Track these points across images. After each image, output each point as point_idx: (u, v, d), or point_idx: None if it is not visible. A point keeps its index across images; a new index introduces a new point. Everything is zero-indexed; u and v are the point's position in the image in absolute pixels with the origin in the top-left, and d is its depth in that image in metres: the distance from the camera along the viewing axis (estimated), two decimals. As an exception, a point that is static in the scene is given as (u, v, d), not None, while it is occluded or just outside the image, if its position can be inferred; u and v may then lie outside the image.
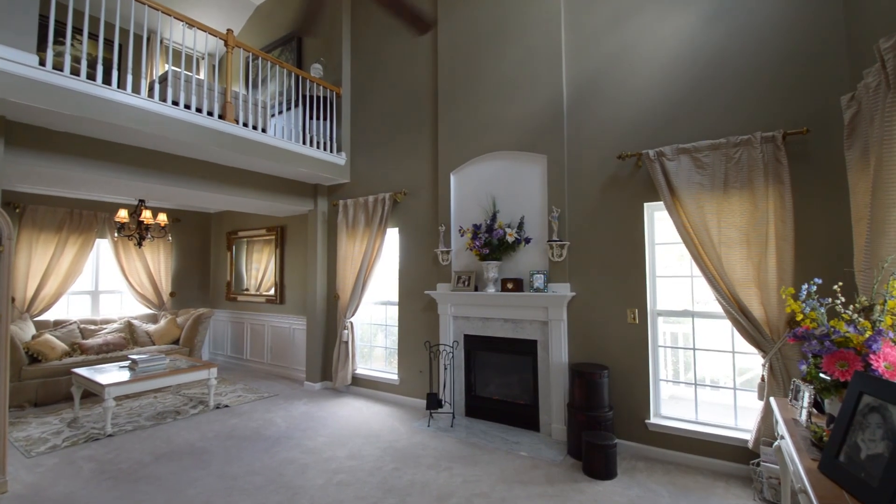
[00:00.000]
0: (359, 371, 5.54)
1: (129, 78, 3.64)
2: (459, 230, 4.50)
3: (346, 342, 5.47)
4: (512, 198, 4.33)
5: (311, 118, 5.40)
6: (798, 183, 3.06)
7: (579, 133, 4.02)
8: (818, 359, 1.99)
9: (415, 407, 4.93)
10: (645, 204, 3.69)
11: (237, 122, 4.48)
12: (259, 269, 7.00)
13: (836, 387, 1.91)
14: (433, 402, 4.37)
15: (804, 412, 2.11)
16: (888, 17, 2.56)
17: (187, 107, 4.09)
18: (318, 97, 5.46)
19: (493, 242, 4.21)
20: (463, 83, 4.70)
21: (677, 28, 3.60)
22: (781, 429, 2.29)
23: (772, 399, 2.57)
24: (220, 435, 4.12)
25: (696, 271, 3.58)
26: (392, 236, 5.39)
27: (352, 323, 5.50)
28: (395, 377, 5.18)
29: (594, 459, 3.27)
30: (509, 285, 4.18)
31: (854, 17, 2.89)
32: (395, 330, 5.35)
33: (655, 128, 3.66)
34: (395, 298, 5.30)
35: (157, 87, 3.94)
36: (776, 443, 2.55)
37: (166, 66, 6.58)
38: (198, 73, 6.87)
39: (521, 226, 4.19)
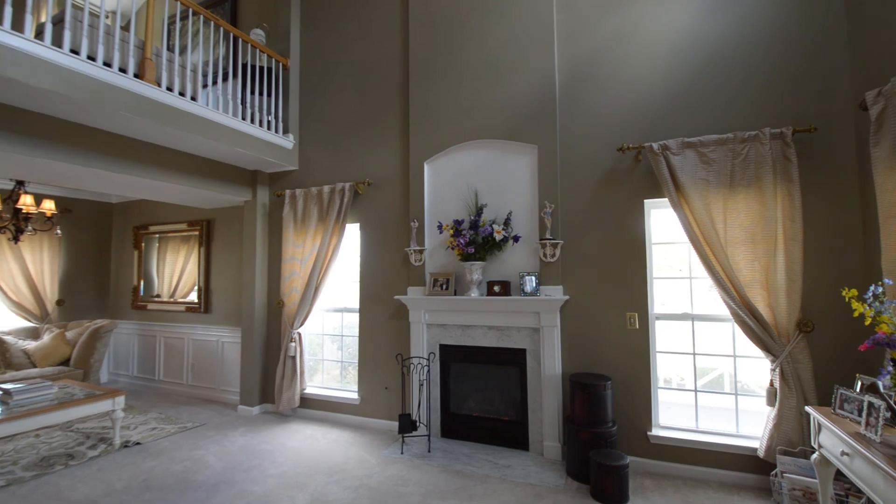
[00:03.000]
0: (309, 390, 4.75)
1: (8, 11, 2.66)
2: (438, 226, 3.97)
3: (294, 357, 4.66)
4: (497, 191, 3.91)
5: (251, 93, 4.53)
6: (806, 182, 2.99)
7: (573, 123, 3.71)
8: (907, 368, 1.78)
9: (380, 430, 4.29)
10: (645, 201, 3.46)
11: (159, 84, 3.54)
12: (176, 271, 5.85)
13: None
14: (406, 425, 3.78)
15: (880, 427, 1.90)
16: (889, 11, 2.54)
17: (91, 58, 3.11)
18: (261, 68, 4.62)
19: (478, 240, 3.75)
20: (439, 61, 4.19)
21: (677, 16, 3.43)
22: (838, 442, 2.09)
23: (810, 408, 2.40)
24: (134, 486, 3.17)
25: (695, 273, 3.43)
26: (352, 233, 4.70)
27: (300, 334, 4.70)
28: (355, 396, 4.49)
29: (606, 483, 2.93)
30: (496, 288, 3.74)
31: (854, 8, 2.88)
32: (355, 341, 4.66)
33: (655, 120, 3.45)
34: (356, 304, 4.62)
35: (49, 28, 2.92)
36: (814, 455, 2.39)
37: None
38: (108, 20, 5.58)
39: (507, 222, 3.78)
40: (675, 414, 3.49)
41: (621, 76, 3.58)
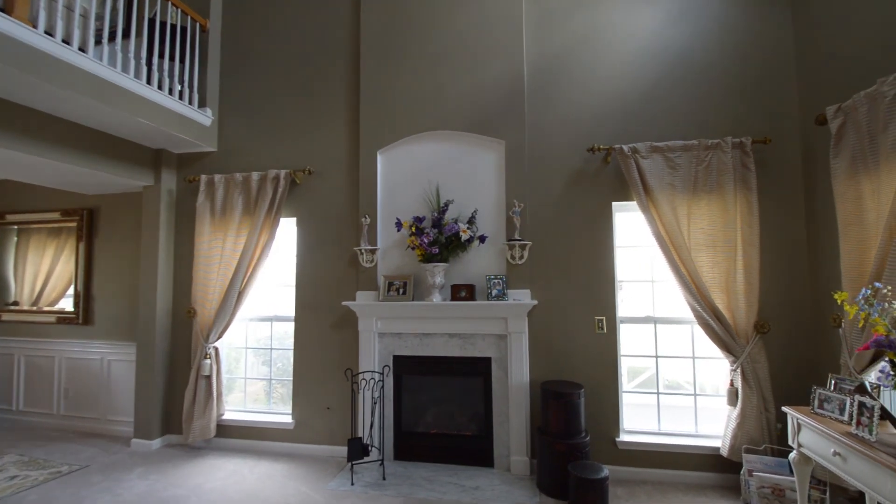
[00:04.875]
0: (228, 416, 3.98)
1: None
2: (396, 223, 3.54)
3: (209, 376, 3.87)
4: (460, 187, 3.60)
5: (160, 56, 3.66)
6: (762, 190, 3.14)
7: (541, 119, 3.55)
8: (908, 369, 1.84)
9: (321, 458, 3.71)
10: (613, 203, 3.42)
11: (34, 26, 2.65)
12: (41, 271, 4.60)
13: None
14: (357, 451, 3.29)
15: (874, 427, 1.95)
16: (830, 41, 2.77)
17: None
18: (172, 27, 3.78)
19: (441, 240, 3.41)
20: (397, 39, 3.78)
21: (644, 22, 3.46)
22: (827, 443, 2.10)
23: (788, 408, 2.46)
24: (-19, 571, 2.28)
25: (657, 276, 3.47)
26: (287, 229, 4.05)
27: (217, 349, 3.93)
28: (288, 419, 3.85)
29: (587, 498, 2.77)
30: (462, 293, 3.43)
31: (801, 23, 3.12)
32: (288, 355, 4.02)
33: (622, 122, 3.43)
34: (290, 312, 3.98)
35: None
36: (792, 454, 2.45)
37: None
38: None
39: (472, 221, 3.50)
40: (635, 416, 3.47)
41: (590, 76, 3.51)
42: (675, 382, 3.79)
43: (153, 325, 3.96)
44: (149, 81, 3.45)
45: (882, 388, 1.96)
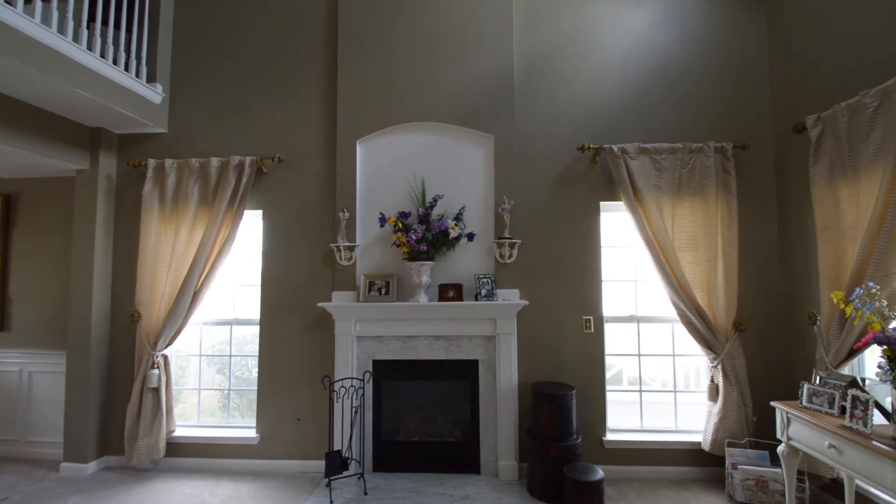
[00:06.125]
0: (180, 432, 3.53)
1: None
2: (380, 218, 3.30)
3: (157, 388, 3.41)
4: (447, 182, 3.44)
5: (102, 23, 3.13)
6: (740, 193, 3.27)
7: (531, 116, 3.48)
8: (905, 364, 1.94)
9: (291, 474, 3.39)
10: (601, 203, 3.42)
11: (-60, -39, 2.14)
12: (-65, 269, 3.83)
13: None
14: (335, 465, 3.02)
15: (870, 420, 2.05)
16: (804, 58, 2.94)
17: None
18: (115, -15, 3.28)
19: (429, 237, 3.23)
20: (378, 21, 3.53)
21: (631, 24, 3.49)
22: (820, 436, 2.18)
23: (776, 403, 2.55)
24: None
25: (640, 276, 3.51)
26: (252, 222, 3.66)
27: (166, 357, 3.47)
28: (253, 433, 3.48)
29: (584, 501, 2.73)
30: (451, 293, 3.27)
31: (775, 37, 3.29)
32: (251, 362, 3.65)
33: (610, 122, 3.44)
34: (254, 315, 3.60)
35: None
36: (781, 447, 2.54)
37: None
38: None
39: (459, 217, 3.35)
40: (613, 413, 3.49)
41: (578, 75, 3.49)
42: (639, 378, 3.87)
43: (87, 331, 3.41)
44: (90, 48, 2.95)
45: (881, 382, 2.06)
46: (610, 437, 3.30)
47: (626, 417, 3.44)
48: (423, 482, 3.20)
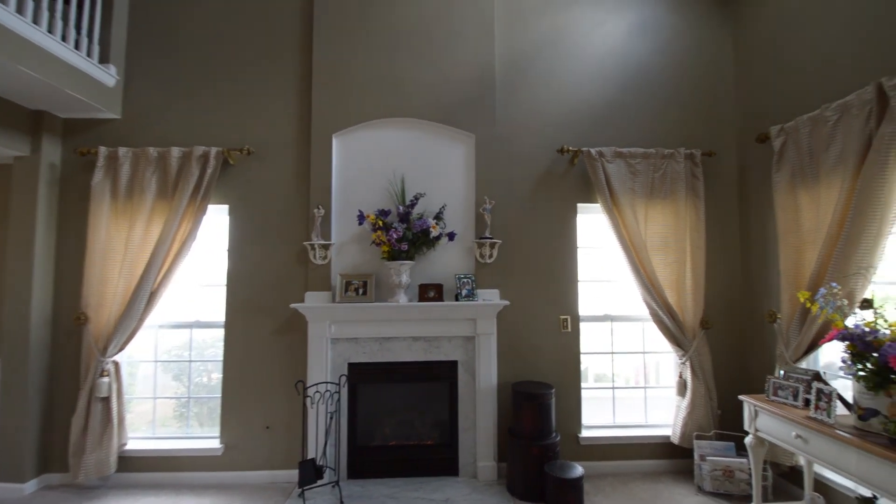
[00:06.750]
0: (133, 445, 3.24)
1: None
2: (359, 216, 3.19)
3: (107, 398, 3.11)
4: (427, 181, 3.38)
5: (42, -15, 2.84)
6: (707, 198, 3.43)
7: (512, 116, 3.48)
8: (866, 357, 2.09)
9: (259, 486, 3.19)
10: (578, 204, 3.48)
11: None
12: None
13: (884, 384, 2.03)
14: (309, 474, 2.88)
15: (833, 411, 2.20)
16: (766, 73, 3.15)
17: None
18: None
19: (409, 236, 3.16)
20: (356, 12, 3.41)
21: (608, 31, 3.58)
22: (787, 426, 2.33)
23: (744, 397, 2.69)
24: None
25: (613, 276, 3.61)
26: (216, 217, 3.43)
27: (117, 363, 3.18)
28: (216, 444, 3.26)
29: (566, 498, 2.76)
30: (431, 293, 3.21)
31: (739, 43, 3.49)
32: (213, 368, 3.41)
33: (588, 126, 3.51)
34: (218, 317, 3.37)
35: None
36: (748, 438, 2.68)
37: None
38: None
39: (439, 217, 3.29)
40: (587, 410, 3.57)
41: (557, 79, 3.53)
42: (603, 375, 3.99)
43: (26, 336, 3.06)
44: (35, 22, 2.64)
45: (845, 375, 2.21)
46: (585, 433, 3.36)
47: (597, 414, 3.52)
48: (401, 487, 3.12)
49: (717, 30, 3.60)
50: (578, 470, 2.85)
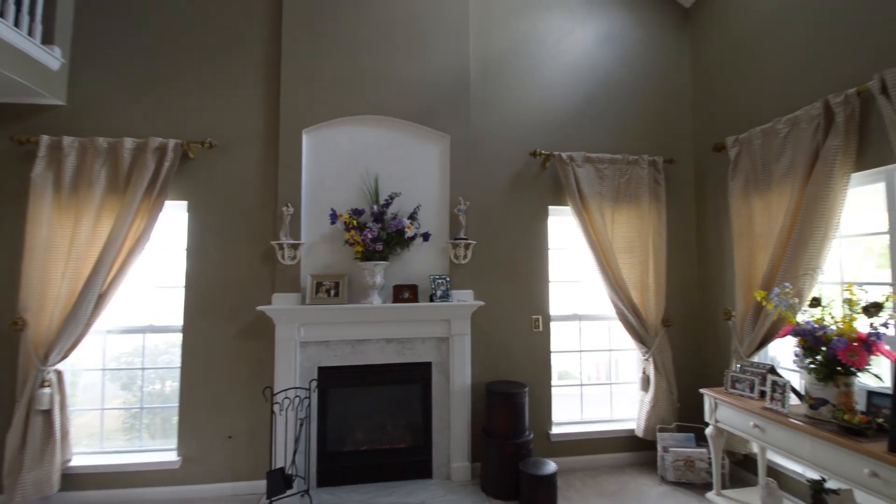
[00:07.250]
0: (78, 461, 2.97)
1: None
2: (332, 215, 3.09)
3: (48, 410, 2.84)
4: (401, 180, 3.33)
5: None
6: (668, 203, 3.61)
7: (486, 118, 3.51)
8: (816, 351, 2.27)
9: (221, 499, 3.02)
10: (549, 207, 3.56)
11: None
12: None
13: (833, 375, 2.21)
14: (278, 484, 2.76)
15: (787, 401, 2.37)
16: (721, 86, 3.37)
17: None
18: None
19: (383, 236, 3.10)
20: (329, 4, 3.32)
21: (577, 39, 3.69)
22: (745, 417, 2.52)
23: (705, 390, 2.86)
24: None
25: (581, 276, 3.71)
26: (173, 214, 3.21)
27: (60, 372, 2.91)
28: (173, 457, 3.05)
29: (539, 495, 2.80)
30: (406, 294, 3.17)
31: (696, 58, 3.70)
32: (170, 374, 3.19)
33: (558, 131, 3.60)
34: (175, 321, 3.16)
35: None
36: (708, 429, 2.84)
37: None
38: None
39: (414, 217, 3.26)
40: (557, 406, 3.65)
41: (529, 83, 3.59)
42: (566, 373, 4.12)
43: (-52, 345, 2.73)
44: (-37, -11, 2.37)
45: (797, 367, 2.39)
46: (555, 430, 3.44)
47: (565, 411, 3.60)
48: (374, 492, 3.05)
49: (677, 45, 3.80)
50: (552, 466, 2.90)
